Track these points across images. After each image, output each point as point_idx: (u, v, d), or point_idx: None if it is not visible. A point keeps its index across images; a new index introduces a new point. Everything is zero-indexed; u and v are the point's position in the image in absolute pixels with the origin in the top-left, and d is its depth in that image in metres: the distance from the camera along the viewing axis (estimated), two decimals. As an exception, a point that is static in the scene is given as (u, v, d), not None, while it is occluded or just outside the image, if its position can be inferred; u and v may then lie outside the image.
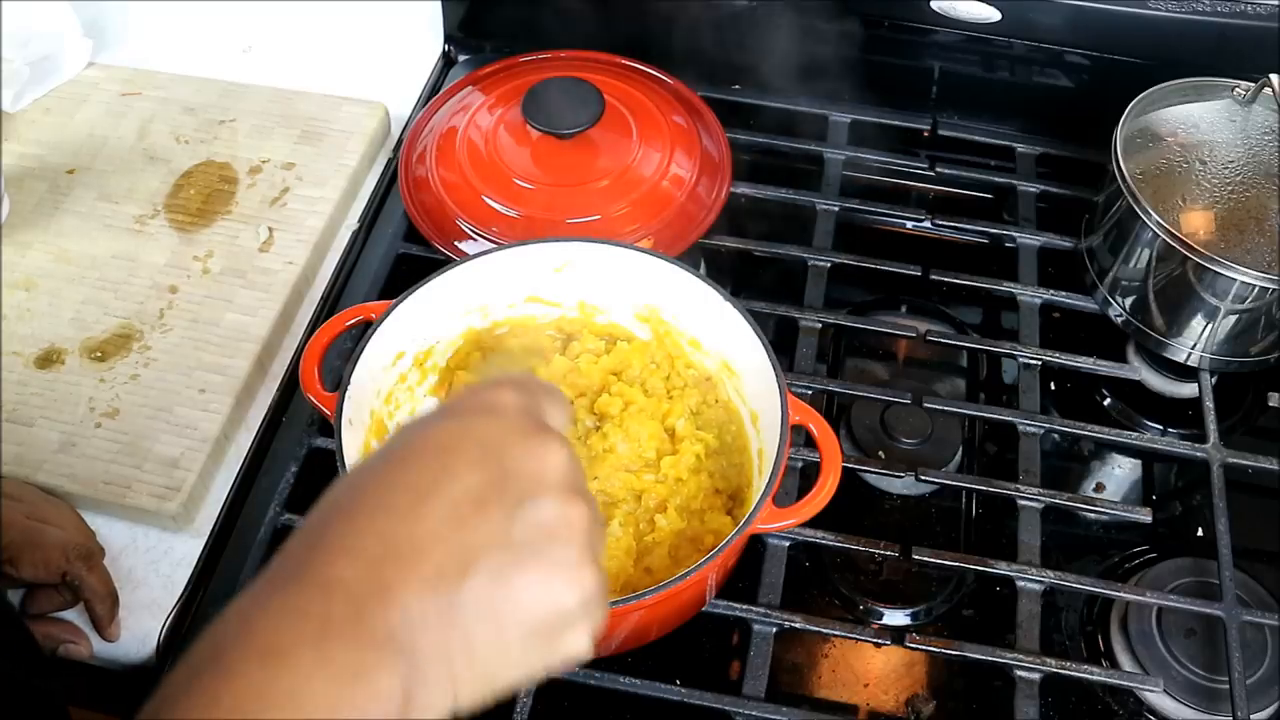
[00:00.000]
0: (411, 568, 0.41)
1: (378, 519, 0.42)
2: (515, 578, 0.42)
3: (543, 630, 0.43)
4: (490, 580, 0.42)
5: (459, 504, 0.43)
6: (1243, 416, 0.87)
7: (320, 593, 0.40)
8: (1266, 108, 0.81)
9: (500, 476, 0.44)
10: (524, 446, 0.45)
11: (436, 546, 0.42)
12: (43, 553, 0.69)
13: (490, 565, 0.42)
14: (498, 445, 0.45)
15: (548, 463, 0.45)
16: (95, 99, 1.01)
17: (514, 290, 0.78)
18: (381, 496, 0.43)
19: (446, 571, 0.41)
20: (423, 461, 0.44)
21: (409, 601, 0.40)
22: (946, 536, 0.81)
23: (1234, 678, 0.69)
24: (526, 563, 0.42)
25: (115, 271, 0.88)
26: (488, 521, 0.42)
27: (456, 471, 0.43)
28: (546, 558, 0.43)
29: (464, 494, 0.43)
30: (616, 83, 0.93)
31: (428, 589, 0.41)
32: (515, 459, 0.44)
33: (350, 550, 0.42)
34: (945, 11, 0.94)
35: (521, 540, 0.43)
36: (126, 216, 0.92)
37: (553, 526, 0.43)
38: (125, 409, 0.80)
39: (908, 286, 0.91)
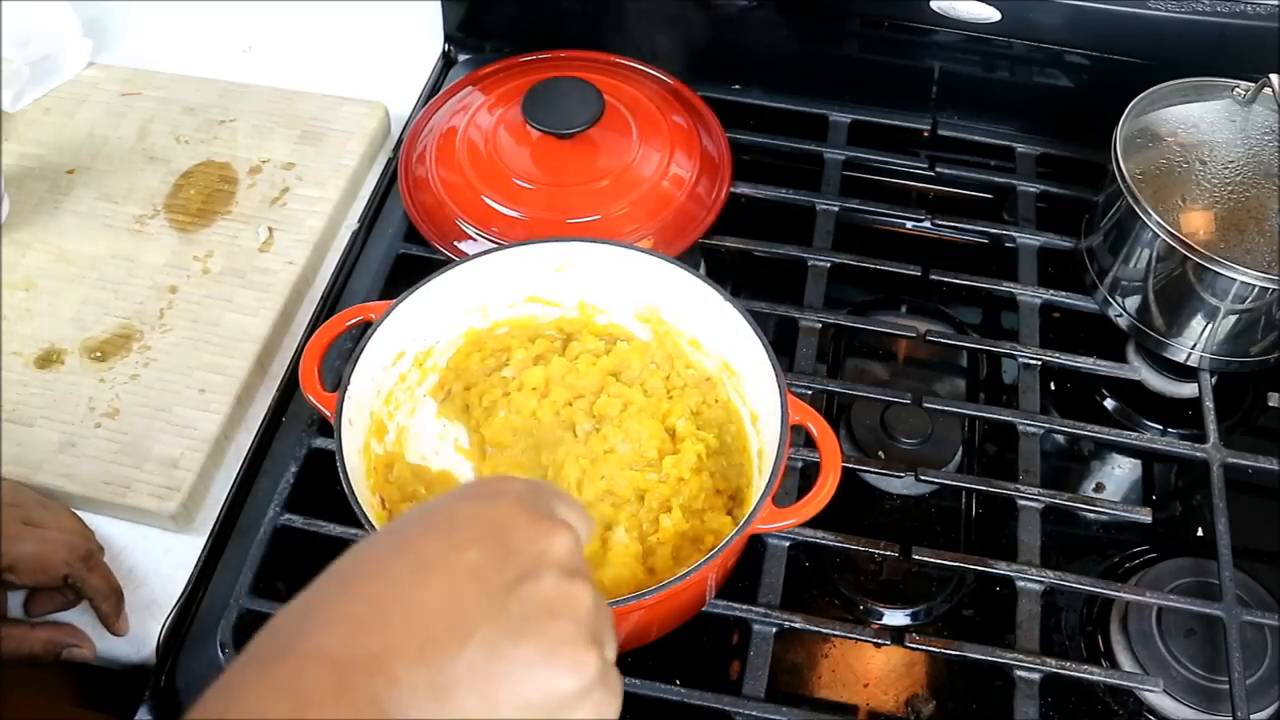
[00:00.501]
0: (402, 636, 0.40)
1: (372, 586, 0.42)
2: (511, 654, 0.41)
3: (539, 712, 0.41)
4: (485, 654, 0.40)
5: (457, 577, 0.42)
6: (1243, 416, 0.87)
7: (303, 665, 0.39)
8: (1266, 108, 0.81)
9: (502, 554, 0.43)
10: (528, 529, 0.44)
11: (430, 616, 0.40)
12: (42, 557, 0.69)
13: (485, 638, 0.40)
14: (502, 525, 0.44)
15: (551, 544, 0.44)
16: (95, 99, 1.01)
17: (514, 290, 0.78)
18: (379, 565, 0.43)
19: (439, 641, 0.40)
20: (425, 536, 0.44)
21: (397, 670, 0.39)
22: (946, 536, 0.81)
23: (1234, 678, 0.69)
24: (523, 639, 0.41)
25: (115, 271, 0.88)
26: (486, 595, 0.41)
27: (457, 546, 0.43)
28: (545, 635, 0.42)
29: (464, 568, 0.42)
30: (616, 83, 0.93)
31: (418, 659, 0.39)
32: (519, 539, 0.44)
33: (339, 618, 0.40)
34: (945, 11, 0.94)
35: (519, 616, 0.41)
36: (126, 216, 0.92)
37: (552, 604, 0.42)
38: (125, 409, 0.80)
39: (908, 286, 0.91)
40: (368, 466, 0.71)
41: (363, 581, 0.42)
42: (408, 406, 0.76)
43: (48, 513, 0.73)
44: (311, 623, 0.41)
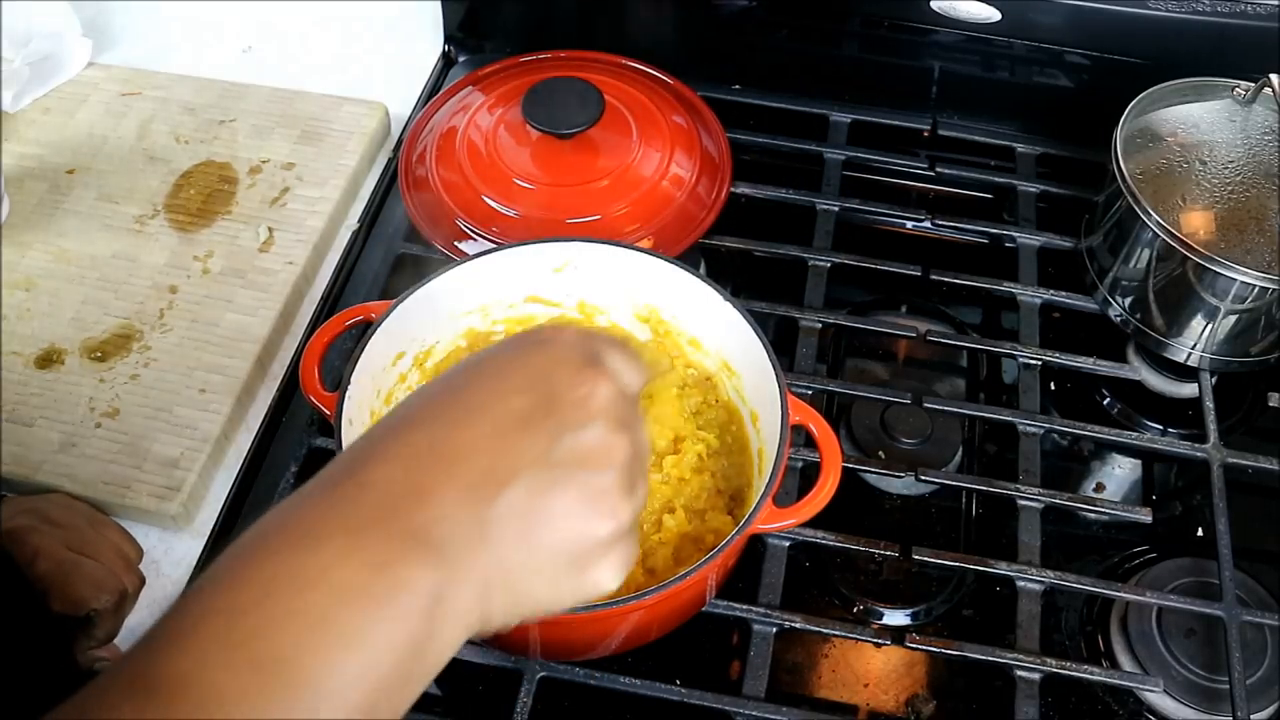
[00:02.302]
0: (449, 473, 0.42)
1: (423, 428, 0.44)
2: (550, 498, 0.43)
3: (573, 556, 0.44)
4: (525, 496, 0.43)
5: (504, 421, 0.44)
6: (1243, 416, 0.87)
7: (358, 489, 0.42)
8: (1266, 108, 0.81)
9: (547, 401, 0.45)
10: (574, 377, 0.46)
11: (476, 456, 0.43)
12: (74, 589, 0.67)
13: (527, 482, 0.43)
14: (548, 373, 0.46)
15: (595, 393, 0.46)
16: (95, 99, 1.01)
17: (514, 290, 0.78)
18: (430, 411, 0.45)
19: (484, 482, 0.42)
20: (474, 383, 0.46)
21: (443, 504, 0.42)
22: (946, 536, 0.81)
23: (1234, 678, 0.69)
24: (563, 485, 0.44)
25: (115, 271, 0.88)
26: (530, 440, 0.44)
27: (504, 393, 0.45)
28: (583, 483, 0.44)
29: (510, 413, 0.44)
30: (616, 83, 0.93)
31: (463, 496, 0.42)
32: (563, 387, 0.46)
33: (392, 455, 0.43)
34: (945, 11, 0.94)
35: (561, 462, 0.44)
36: (126, 216, 0.92)
37: (593, 453, 0.45)
38: (125, 409, 0.80)
39: (908, 286, 0.91)
40: (368, 466, 0.71)
41: (414, 425, 0.45)
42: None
43: (95, 537, 0.72)
44: (367, 460, 0.44)
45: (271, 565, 0.40)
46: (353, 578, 0.40)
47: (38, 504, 0.73)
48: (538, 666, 0.69)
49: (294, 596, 0.39)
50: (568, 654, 0.69)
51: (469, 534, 0.42)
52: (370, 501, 0.42)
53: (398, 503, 0.42)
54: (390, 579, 0.40)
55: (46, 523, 0.70)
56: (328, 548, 0.40)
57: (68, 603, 0.67)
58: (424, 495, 0.42)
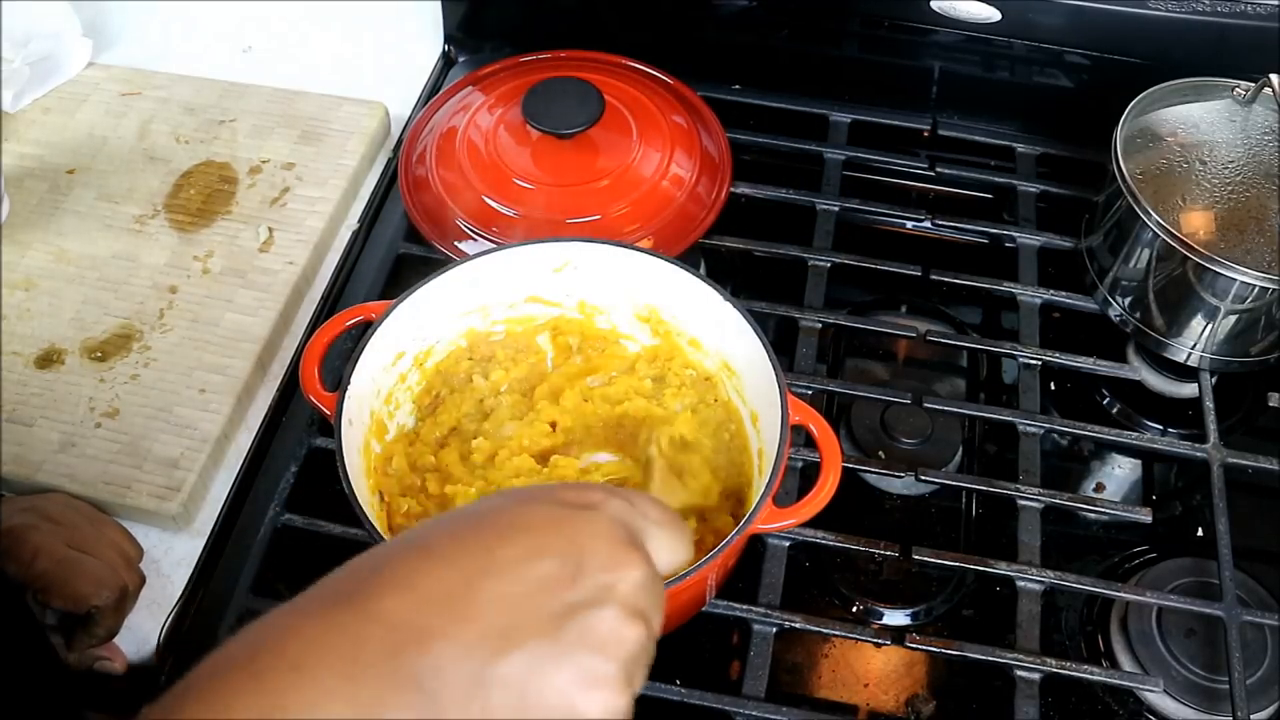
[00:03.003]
0: (460, 623, 0.41)
1: (441, 565, 0.43)
2: (549, 673, 0.42)
3: None
4: (526, 666, 0.42)
5: (525, 584, 0.43)
6: (1243, 416, 0.87)
7: (362, 622, 0.41)
8: (1266, 108, 0.81)
9: (574, 573, 0.44)
10: (607, 555, 0.45)
11: (488, 612, 0.42)
12: (74, 587, 0.67)
13: (531, 651, 0.42)
14: (584, 543, 0.45)
15: (624, 577, 0.45)
16: (95, 99, 1.01)
17: (514, 290, 0.78)
18: (456, 547, 0.44)
19: (489, 639, 0.41)
20: (507, 533, 0.45)
21: (443, 655, 0.41)
22: (946, 536, 0.81)
23: (1234, 678, 0.69)
24: (564, 663, 0.42)
25: (115, 271, 0.88)
26: (545, 611, 0.43)
27: (535, 553, 0.44)
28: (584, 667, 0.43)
29: (534, 578, 0.43)
30: (616, 83, 0.93)
31: (464, 650, 0.41)
32: (595, 563, 0.44)
33: (405, 586, 0.42)
34: (945, 11, 0.94)
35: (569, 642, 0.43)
36: (126, 216, 0.92)
37: (603, 639, 0.43)
38: (125, 409, 0.80)
39: (908, 286, 0.91)
40: (368, 466, 0.71)
41: (437, 559, 0.43)
42: (408, 406, 0.76)
43: (95, 536, 0.72)
44: (381, 582, 0.42)
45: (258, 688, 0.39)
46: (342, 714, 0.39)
47: (38, 502, 0.73)
48: (538, 666, 0.69)
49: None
50: (568, 654, 0.69)
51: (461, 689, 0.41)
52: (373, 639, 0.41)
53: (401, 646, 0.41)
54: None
55: (47, 521, 0.70)
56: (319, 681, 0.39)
57: (68, 600, 0.67)
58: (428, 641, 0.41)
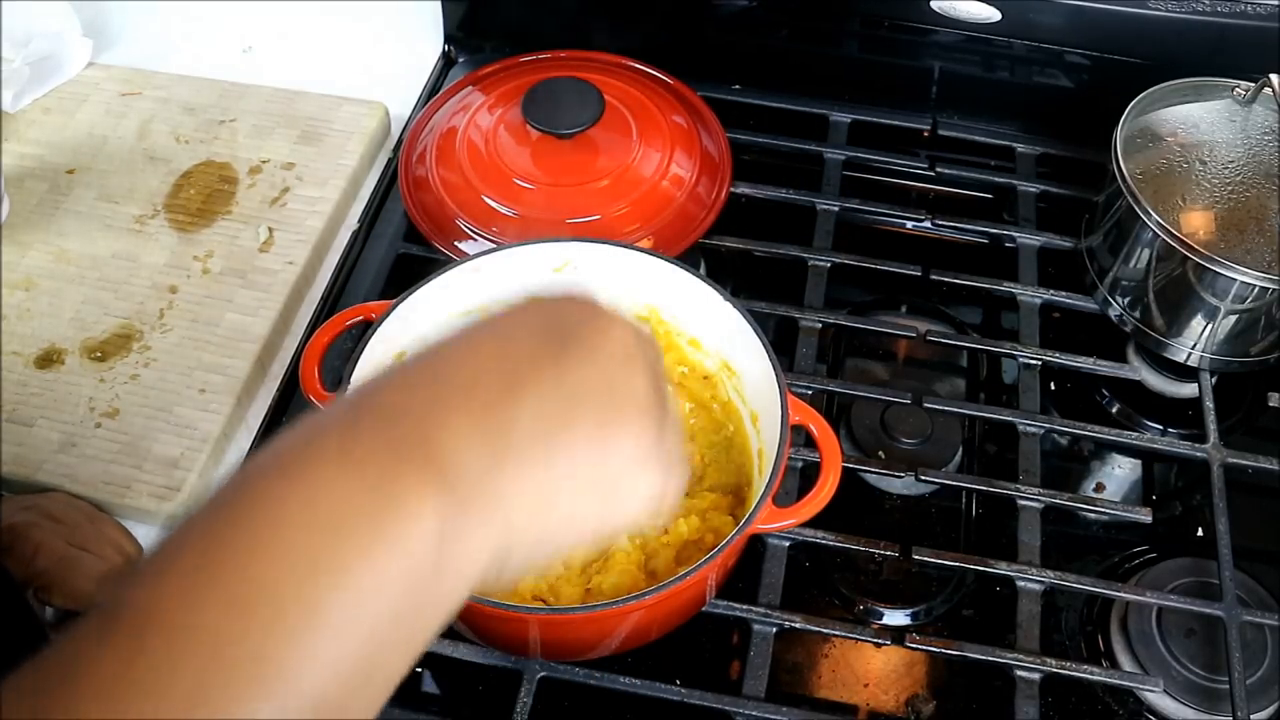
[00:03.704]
0: (455, 395, 0.39)
1: (428, 361, 0.42)
2: (564, 421, 0.41)
3: (594, 479, 0.41)
4: (538, 418, 0.40)
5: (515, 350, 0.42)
6: (1243, 416, 0.87)
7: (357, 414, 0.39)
8: (1266, 108, 0.81)
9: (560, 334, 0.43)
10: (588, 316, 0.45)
11: (486, 379, 0.40)
12: (75, 583, 0.68)
13: (539, 404, 0.40)
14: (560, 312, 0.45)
15: (612, 332, 0.44)
16: (95, 99, 1.01)
17: (514, 290, 0.78)
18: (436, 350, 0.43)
19: (495, 404, 0.40)
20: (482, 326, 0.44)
21: (450, 423, 0.38)
22: (946, 536, 0.80)
23: (1234, 678, 0.69)
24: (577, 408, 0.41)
25: (115, 271, 0.88)
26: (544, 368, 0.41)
27: (514, 328, 0.43)
28: (599, 406, 0.41)
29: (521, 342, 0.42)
30: (616, 83, 0.93)
31: (472, 418, 0.39)
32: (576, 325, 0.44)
33: (396, 383, 0.41)
34: (945, 11, 0.94)
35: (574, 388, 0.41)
36: (126, 216, 0.92)
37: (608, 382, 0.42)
38: (125, 409, 0.80)
39: (908, 286, 0.91)
40: (368, 466, 0.71)
41: (421, 360, 0.42)
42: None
43: (95, 533, 0.72)
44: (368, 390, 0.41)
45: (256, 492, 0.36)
46: (344, 502, 0.36)
47: (38, 501, 0.73)
48: (538, 666, 0.69)
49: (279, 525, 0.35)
50: (568, 654, 0.69)
51: (481, 454, 0.38)
52: (369, 424, 0.38)
53: (399, 421, 0.38)
54: (388, 500, 0.36)
55: (47, 519, 0.70)
56: (319, 471, 0.36)
57: (69, 597, 0.68)
58: (428, 414, 0.38)
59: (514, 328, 0.44)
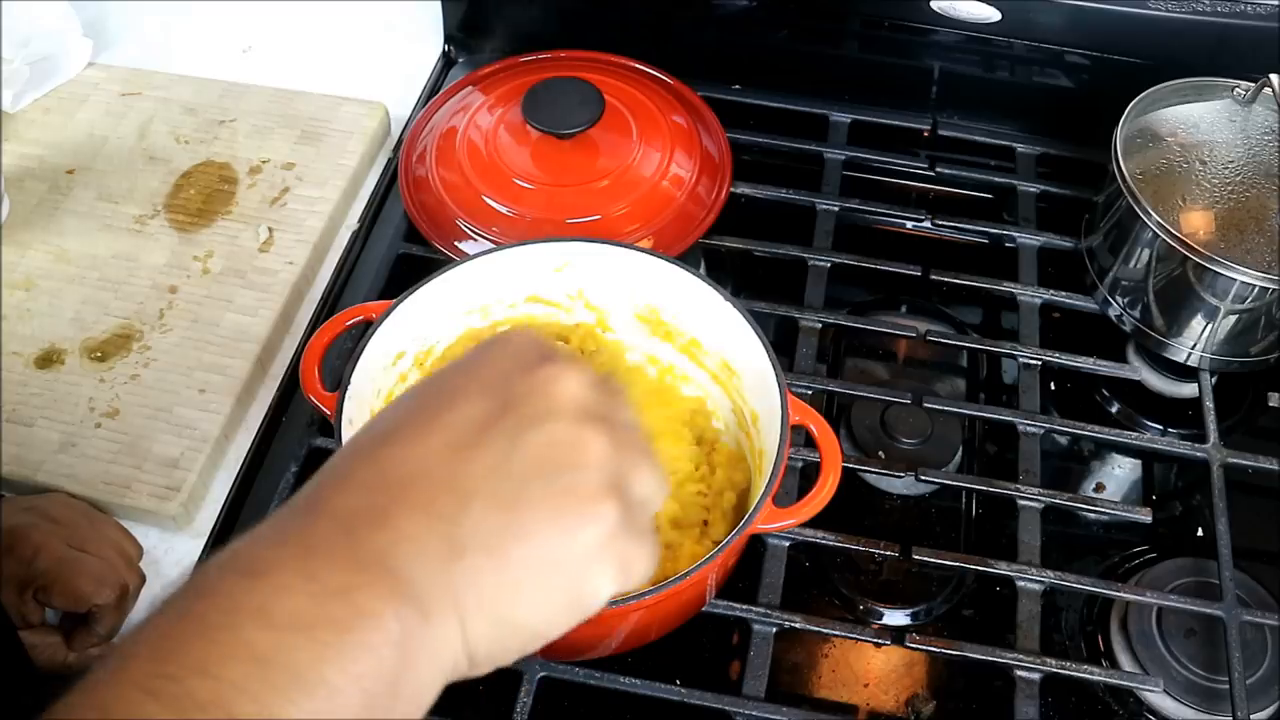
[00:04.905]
0: (406, 494, 0.39)
1: (378, 450, 0.41)
2: (517, 507, 0.39)
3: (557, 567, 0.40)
4: (490, 510, 0.39)
5: (459, 432, 0.41)
6: (1243, 416, 0.87)
7: (313, 518, 0.39)
8: (1266, 108, 0.81)
9: (505, 404, 0.41)
10: (531, 374, 0.43)
11: (433, 473, 0.40)
12: (75, 584, 0.67)
13: (490, 493, 0.39)
14: (503, 373, 0.43)
15: (558, 388, 0.42)
16: (95, 99, 1.01)
17: (514, 290, 0.78)
18: (386, 432, 0.42)
19: (444, 500, 0.39)
20: (428, 398, 0.43)
21: (403, 525, 0.38)
22: (946, 536, 0.81)
23: (1234, 678, 0.69)
24: (529, 491, 0.40)
25: (115, 271, 0.88)
26: (488, 448, 0.40)
27: (458, 401, 0.42)
28: (553, 486, 0.40)
29: (465, 421, 0.41)
30: (616, 83, 0.93)
31: (423, 517, 0.38)
32: (520, 387, 0.42)
33: (348, 482, 0.40)
34: (945, 11, 0.94)
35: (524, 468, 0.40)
36: (126, 216, 0.92)
37: (561, 452, 0.41)
38: (125, 409, 0.80)
39: (908, 286, 0.91)
40: (368, 466, 0.71)
41: (371, 449, 0.41)
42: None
43: (95, 534, 0.72)
44: (324, 489, 0.40)
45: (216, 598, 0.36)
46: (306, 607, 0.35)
47: (38, 502, 0.73)
48: (538, 666, 0.69)
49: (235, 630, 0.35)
50: (568, 654, 0.69)
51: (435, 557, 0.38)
52: (324, 529, 0.38)
53: (354, 528, 0.38)
54: (345, 611, 0.36)
55: (47, 520, 0.70)
56: (279, 576, 0.36)
57: (69, 599, 0.68)
58: (382, 518, 0.38)
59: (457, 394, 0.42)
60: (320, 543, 0.38)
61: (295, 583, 0.36)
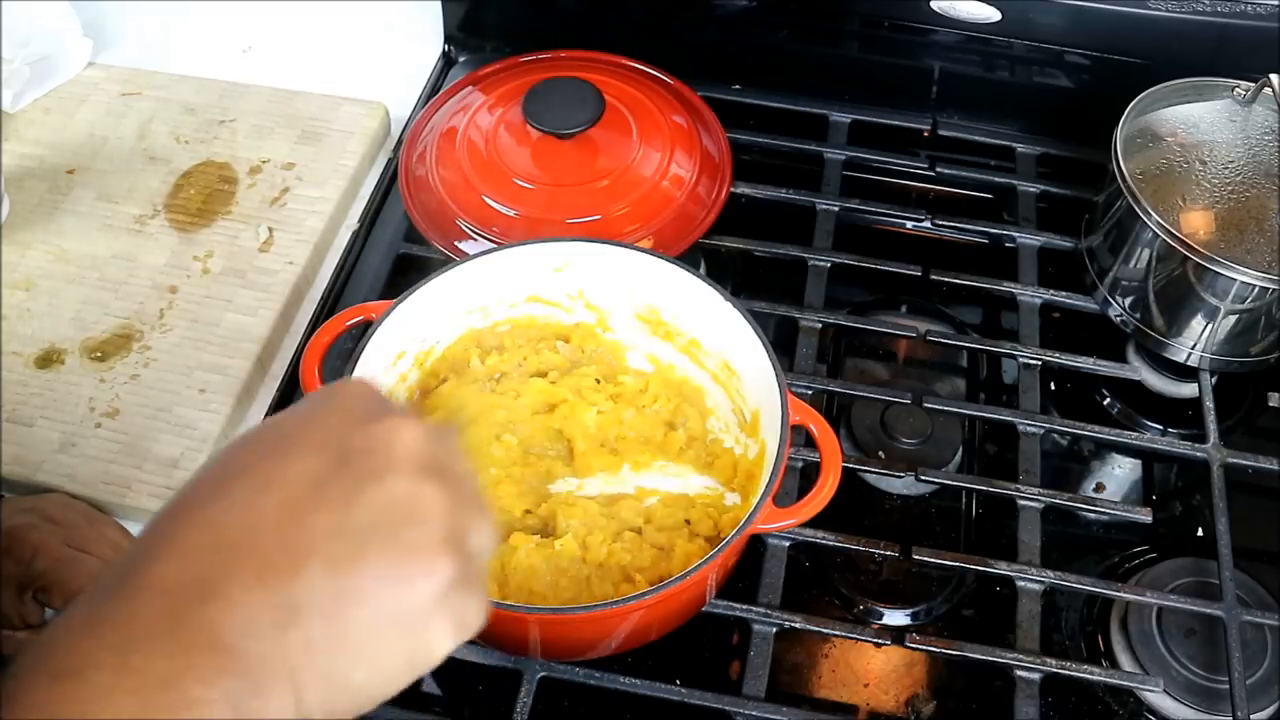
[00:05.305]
0: (238, 561, 0.37)
1: (207, 509, 0.39)
2: (355, 568, 0.38)
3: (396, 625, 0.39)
4: (326, 572, 0.37)
5: (293, 491, 0.39)
6: (1243, 416, 0.87)
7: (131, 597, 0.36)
8: (1266, 108, 0.81)
9: (339, 458, 0.40)
10: (367, 429, 0.41)
11: (265, 536, 0.38)
12: (75, 585, 0.67)
13: (326, 555, 0.38)
14: (337, 427, 0.41)
15: (396, 441, 0.41)
16: (95, 99, 1.01)
17: (514, 290, 0.78)
18: (215, 487, 0.40)
19: (277, 564, 0.37)
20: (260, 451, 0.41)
21: (233, 597, 0.36)
22: (946, 536, 0.81)
23: (1234, 678, 0.69)
24: (367, 550, 0.38)
25: (115, 271, 0.88)
26: (325, 507, 0.39)
27: (291, 459, 0.40)
28: (392, 543, 0.39)
29: (299, 480, 0.39)
30: (616, 83, 0.93)
31: (255, 584, 0.37)
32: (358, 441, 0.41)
33: (174, 550, 0.38)
34: (945, 11, 0.94)
35: (363, 526, 0.39)
36: (126, 216, 0.92)
37: (398, 508, 0.39)
38: (125, 409, 0.80)
39: (908, 286, 0.91)
40: (368, 466, 0.71)
41: (197, 508, 0.39)
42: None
43: (95, 534, 0.72)
44: (144, 558, 0.38)
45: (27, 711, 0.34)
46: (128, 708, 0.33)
47: (37, 503, 0.73)
48: (538, 666, 0.69)
49: None
50: (568, 654, 0.69)
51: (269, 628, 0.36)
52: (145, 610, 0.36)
53: (178, 605, 0.36)
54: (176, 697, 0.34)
55: (46, 520, 0.70)
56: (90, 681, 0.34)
57: (68, 599, 0.67)
58: (208, 591, 0.36)
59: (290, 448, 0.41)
60: (140, 628, 0.35)
61: (115, 680, 0.34)
